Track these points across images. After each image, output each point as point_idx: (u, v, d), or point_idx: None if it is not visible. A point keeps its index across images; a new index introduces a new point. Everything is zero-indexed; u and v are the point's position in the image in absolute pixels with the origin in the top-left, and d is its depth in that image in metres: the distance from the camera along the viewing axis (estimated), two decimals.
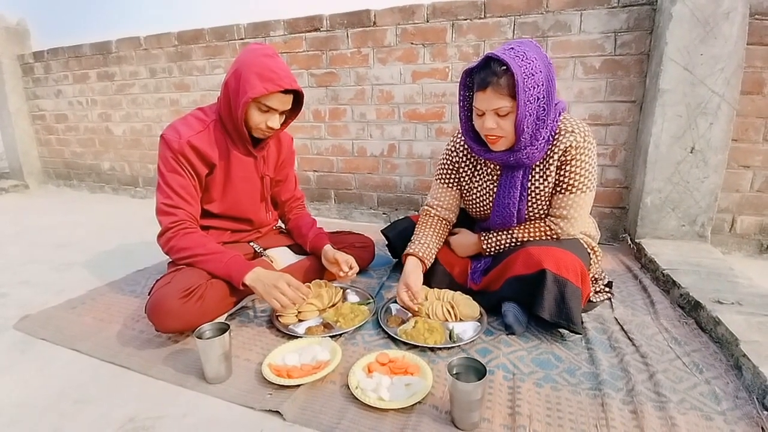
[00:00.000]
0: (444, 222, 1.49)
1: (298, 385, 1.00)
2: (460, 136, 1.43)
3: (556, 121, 1.22)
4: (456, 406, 0.87)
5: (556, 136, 1.23)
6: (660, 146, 1.79)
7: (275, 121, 1.30)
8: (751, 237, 1.96)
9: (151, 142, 3.29)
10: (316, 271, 1.55)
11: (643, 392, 0.98)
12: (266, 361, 1.07)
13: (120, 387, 1.05)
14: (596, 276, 1.47)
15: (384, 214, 2.62)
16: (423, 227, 1.47)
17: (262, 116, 1.28)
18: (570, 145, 1.22)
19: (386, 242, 1.75)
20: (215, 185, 1.37)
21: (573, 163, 1.23)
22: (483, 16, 2.10)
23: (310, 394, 0.99)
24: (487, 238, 1.39)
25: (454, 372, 0.89)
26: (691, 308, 1.35)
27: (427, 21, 2.21)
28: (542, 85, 1.14)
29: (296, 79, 1.29)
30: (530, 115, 1.15)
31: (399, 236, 1.63)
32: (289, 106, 1.32)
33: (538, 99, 1.14)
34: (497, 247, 1.37)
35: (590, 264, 1.37)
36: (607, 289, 1.46)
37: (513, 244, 1.34)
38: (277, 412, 0.92)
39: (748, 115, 1.81)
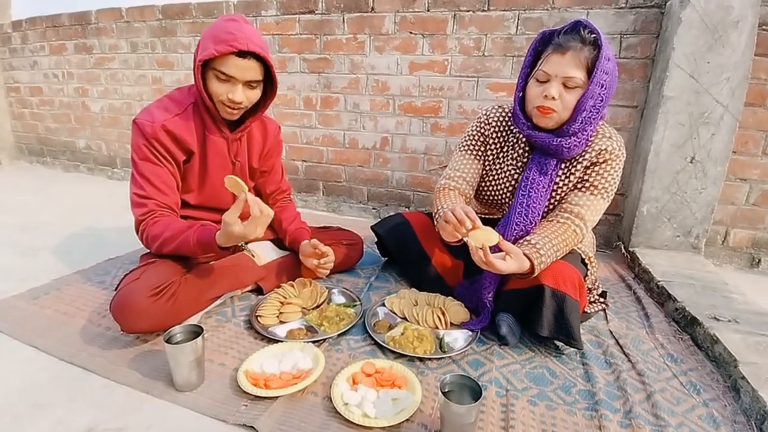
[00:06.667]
0: (464, 197, 1.33)
1: (276, 397, 0.92)
2: (493, 109, 1.35)
3: (597, 124, 1.17)
4: (447, 427, 0.80)
5: (593, 138, 1.18)
6: (660, 154, 1.75)
7: (237, 92, 1.14)
8: (743, 250, 1.94)
9: (131, 122, 3.12)
10: (298, 267, 1.47)
11: (641, 414, 0.93)
12: (243, 368, 0.98)
13: (80, 391, 0.95)
14: (590, 286, 1.43)
15: (374, 209, 2.54)
16: (446, 199, 1.26)
17: (222, 86, 1.14)
18: (605, 149, 1.17)
19: (375, 240, 1.67)
20: (192, 174, 1.27)
21: (603, 166, 1.18)
22: (486, 9, 2.02)
23: (288, 407, 0.91)
24: (539, 260, 1.08)
25: (446, 390, 0.83)
26: (686, 323, 1.32)
27: (428, 10, 2.12)
28: (610, 76, 1.08)
29: (267, 45, 1.15)
30: (592, 99, 1.08)
31: (390, 233, 1.55)
32: (256, 77, 1.16)
33: (603, 87, 1.08)
34: (546, 263, 1.12)
35: (587, 275, 1.32)
36: (601, 300, 1.42)
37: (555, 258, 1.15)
38: (252, 427, 0.85)
39: (749, 127, 1.78)
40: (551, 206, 1.25)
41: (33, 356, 1.07)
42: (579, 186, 1.20)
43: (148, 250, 1.26)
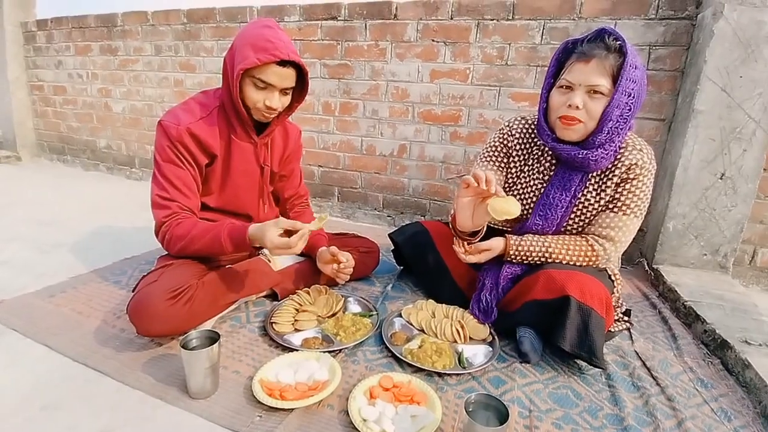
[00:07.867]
0: None
1: (292, 408, 0.89)
2: (516, 120, 1.31)
3: (625, 136, 1.13)
4: None
5: (622, 151, 1.14)
6: (689, 169, 1.69)
7: (275, 99, 1.16)
8: None
9: (151, 123, 3.16)
10: (315, 274, 1.45)
11: None
12: (258, 376, 0.96)
13: (93, 394, 0.94)
14: (614, 304, 1.38)
15: (389, 216, 2.51)
16: None
17: (259, 93, 1.15)
18: (635, 163, 1.12)
19: (391, 248, 1.65)
20: (214, 177, 1.26)
21: (634, 183, 1.13)
22: (511, 18, 1.99)
23: (304, 420, 0.88)
24: (518, 243, 1.20)
25: (471, 410, 0.79)
26: (716, 346, 1.26)
27: (452, 18, 2.10)
28: (638, 84, 1.05)
29: (298, 52, 1.16)
30: (619, 108, 1.05)
31: (408, 242, 1.52)
32: (292, 84, 1.18)
33: (630, 95, 1.05)
34: (524, 257, 1.21)
35: (612, 292, 1.28)
36: (625, 318, 1.37)
37: (542, 260, 1.20)
38: None
39: None
40: (581, 224, 1.21)
41: (46, 356, 1.06)
42: (611, 206, 1.17)
43: (166, 252, 1.25)
